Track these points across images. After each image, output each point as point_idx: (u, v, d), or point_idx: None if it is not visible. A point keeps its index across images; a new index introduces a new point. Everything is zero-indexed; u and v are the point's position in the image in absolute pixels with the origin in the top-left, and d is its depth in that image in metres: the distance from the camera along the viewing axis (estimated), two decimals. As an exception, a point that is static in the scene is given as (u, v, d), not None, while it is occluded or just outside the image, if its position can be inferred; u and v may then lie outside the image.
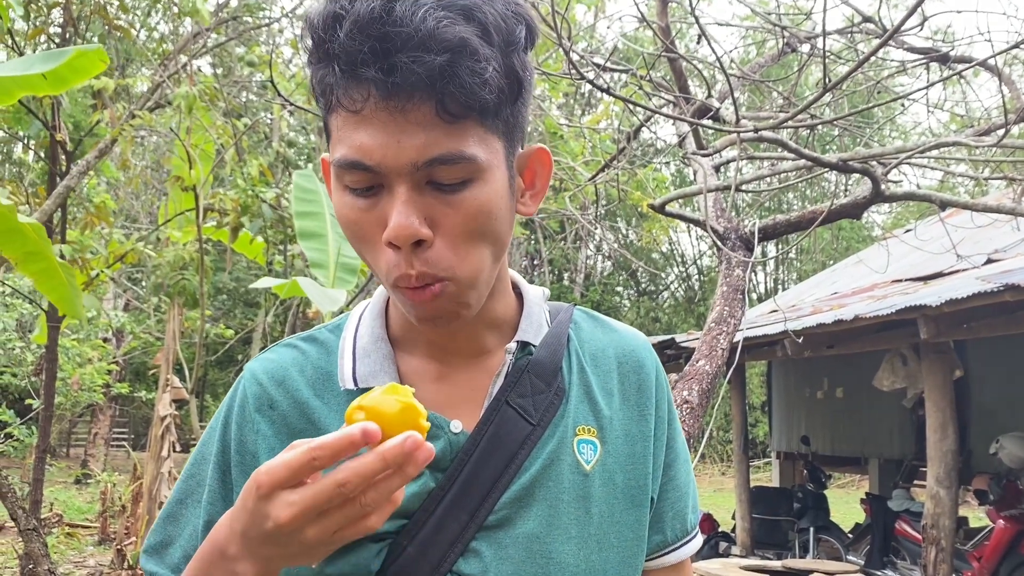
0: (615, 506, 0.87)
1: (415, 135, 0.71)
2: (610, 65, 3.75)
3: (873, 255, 10.25)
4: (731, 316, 3.18)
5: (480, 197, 0.75)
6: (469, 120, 0.73)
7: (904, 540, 7.06)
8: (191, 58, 6.84)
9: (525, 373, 0.87)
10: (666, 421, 0.94)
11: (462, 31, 0.70)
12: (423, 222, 0.74)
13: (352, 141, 0.73)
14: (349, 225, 0.78)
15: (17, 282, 10.20)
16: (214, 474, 0.88)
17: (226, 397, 0.92)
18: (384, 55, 0.69)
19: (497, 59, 0.72)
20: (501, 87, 0.73)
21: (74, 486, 14.08)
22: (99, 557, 8.12)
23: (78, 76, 3.62)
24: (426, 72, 0.69)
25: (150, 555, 0.89)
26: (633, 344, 0.96)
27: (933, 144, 3.08)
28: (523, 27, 0.75)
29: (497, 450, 0.84)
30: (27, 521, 5.53)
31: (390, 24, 0.69)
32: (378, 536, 0.81)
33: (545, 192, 0.87)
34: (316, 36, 0.73)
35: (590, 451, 0.87)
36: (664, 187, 8.00)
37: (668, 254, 25.93)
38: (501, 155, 0.77)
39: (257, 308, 15.94)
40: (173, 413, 7.32)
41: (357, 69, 0.70)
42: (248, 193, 6.07)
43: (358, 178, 0.75)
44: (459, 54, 0.69)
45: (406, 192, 0.73)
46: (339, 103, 0.73)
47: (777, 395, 10.72)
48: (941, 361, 6.03)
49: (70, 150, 6.54)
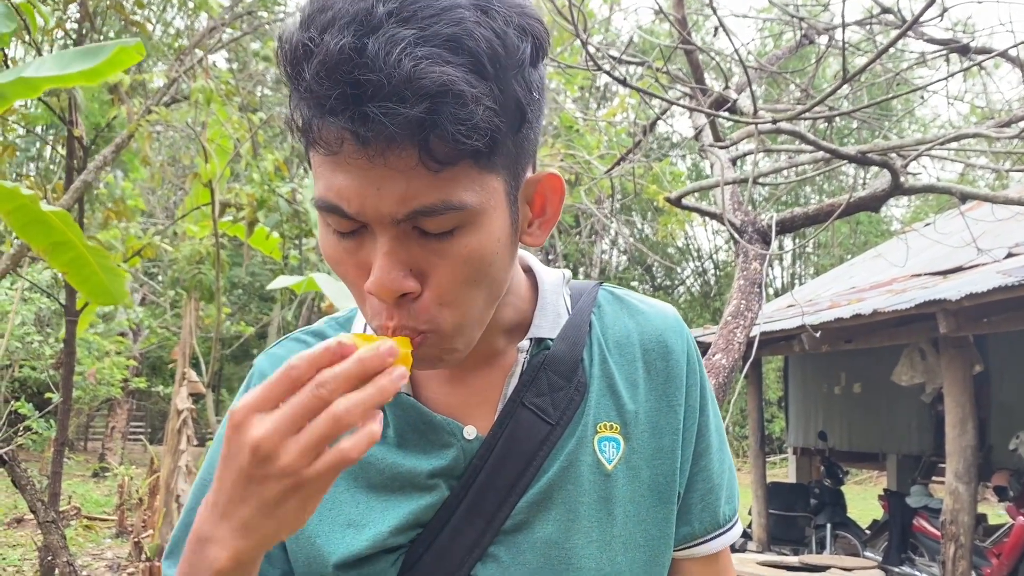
0: (641, 504, 0.83)
1: (396, 183, 0.64)
2: (626, 58, 3.72)
3: (892, 249, 10.16)
4: (748, 310, 3.15)
5: (472, 245, 0.68)
6: (460, 165, 0.65)
7: (922, 536, 7.01)
8: (207, 53, 6.85)
9: (542, 370, 0.83)
10: (697, 409, 0.88)
11: (444, 73, 0.61)
12: (408, 274, 0.68)
13: (330, 184, 0.66)
14: (332, 264, 0.73)
15: (36, 276, 10.29)
16: None
17: (238, 394, 0.90)
18: (355, 102, 0.61)
19: (492, 93, 0.63)
20: (496, 125, 0.64)
21: (92, 479, 14.20)
22: (117, 550, 8.18)
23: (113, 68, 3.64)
24: (399, 125, 0.61)
25: (169, 557, 0.88)
26: (661, 327, 0.89)
27: (953, 136, 3.04)
28: (528, 42, 0.67)
29: (513, 454, 0.80)
30: (46, 513, 5.57)
31: (360, 67, 0.60)
32: (394, 546, 0.79)
33: (556, 220, 0.79)
34: (286, 70, 0.65)
35: (612, 449, 0.83)
36: (680, 181, 7.96)
37: (684, 248, 25.85)
38: (501, 193, 0.70)
39: (272, 303, 15.99)
40: (190, 407, 7.36)
41: (326, 116, 0.63)
42: (264, 188, 6.09)
43: (339, 222, 0.68)
44: (440, 102, 0.61)
45: (388, 243, 0.67)
46: (314, 141, 0.66)
47: (794, 390, 10.66)
48: (961, 356, 5.97)
49: (87, 145, 6.57)
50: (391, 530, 0.79)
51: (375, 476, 0.81)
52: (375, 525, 0.79)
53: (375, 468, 0.81)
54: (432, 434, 0.81)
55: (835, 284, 11.04)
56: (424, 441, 0.81)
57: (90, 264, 4.54)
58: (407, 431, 0.81)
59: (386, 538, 0.78)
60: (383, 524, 0.79)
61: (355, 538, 0.79)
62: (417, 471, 0.80)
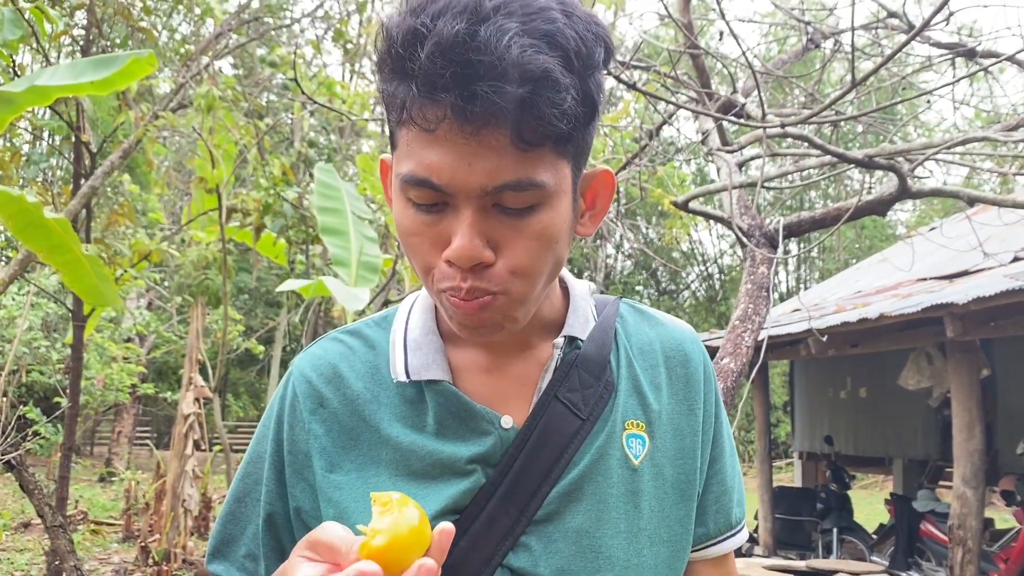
0: (664, 500, 0.87)
1: (487, 159, 0.71)
2: (633, 62, 3.73)
3: (898, 253, 10.15)
4: (755, 314, 3.16)
5: (544, 222, 0.75)
6: (544, 148, 0.72)
7: (929, 541, 6.98)
8: (213, 59, 6.88)
9: (574, 367, 0.87)
10: (713, 415, 0.93)
11: (545, 61, 0.68)
12: (486, 245, 0.74)
13: (422, 159, 0.72)
14: (408, 236, 0.78)
15: (43, 281, 10.31)
16: (270, 473, 0.89)
17: (276, 393, 0.93)
18: (465, 82, 0.67)
19: (576, 86, 0.71)
20: (577, 115, 0.72)
21: (98, 484, 14.22)
22: (123, 554, 8.19)
23: (125, 79, 3.65)
24: (506, 102, 0.67)
25: (215, 556, 0.91)
26: (680, 337, 0.95)
27: (960, 140, 3.04)
28: (602, 48, 0.74)
29: (547, 445, 0.84)
30: (53, 518, 5.59)
31: (473, 50, 0.67)
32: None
33: (605, 214, 0.87)
34: (394, 52, 0.71)
35: (639, 445, 0.87)
36: (685, 185, 7.96)
37: (689, 253, 25.82)
38: (568, 180, 0.77)
39: (278, 308, 16.02)
40: (196, 412, 7.37)
41: (436, 92, 0.69)
42: (270, 193, 6.11)
43: (423, 195, 0.74)
44: (541, 85, 0.68)
45: (472, 215, 0.73)
46: (411, 119, 0.72)
47: (800, 394, 10.64)
48: (968, 360, 5.96)
49: (94, 151, 6.60)
50: (433, 513, 0.82)
51: (416, 463, 0.84)
52: None
53: (416, 456, 0.84)
54: (471, 422, 0.84)
55: (841, 288, 11.03)
56: (464, 428, 0.85)
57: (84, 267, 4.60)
58: (447, 418, 0.85)
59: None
60: (425, 508, 0.81)
61: None
62: (456, 457, 0.83)
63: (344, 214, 5.34)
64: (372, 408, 0.87)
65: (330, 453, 0.87)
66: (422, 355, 0.87)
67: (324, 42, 10.90)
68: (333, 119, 11.03)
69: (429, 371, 0.86)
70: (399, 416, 0.86)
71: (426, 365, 0.86)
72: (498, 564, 0.82)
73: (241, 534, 0.90)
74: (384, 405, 0.87)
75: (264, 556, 0.89)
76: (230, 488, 0.93)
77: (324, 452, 0.87)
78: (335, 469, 0.86)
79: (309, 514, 0.87)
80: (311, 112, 9.84)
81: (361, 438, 0.87)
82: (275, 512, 0.88)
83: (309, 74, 8.49)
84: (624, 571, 0.83)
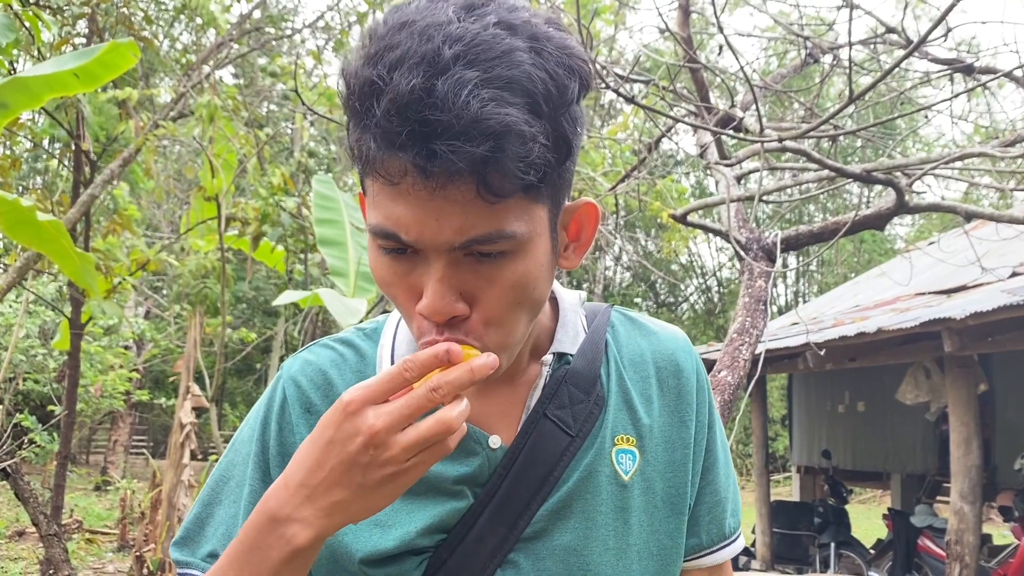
0: (655, 515, 0.87)
1: (453, 215, 0.69)
2: (632, 76, 3.74)
3: (896, 268, 10.16)
4: (753, 327, 3.16)
5: (519, 271, 0.73)
6: (513, 198, 0.70)
7: (927, 556, 6.96)
8: (214, 68, 6.90)
9: (563, 384, 0.86)
10: (706, 426, 0.92)
11: (507, 114, 0.65)
12: (458, 298, 0.73)
13: (388, 212, 0.71)
14: (383, 286, 0.77)
15: (41, 289, 10.30)
16: (255, 473, 0.87)
17: (263, 397, 0.92)
18: (424, 140, 0.65)
19: (546, 131, 0.68)
20: (548, 160, 0.69)
21: (94, 493, 14.17)
22: (118, 564, 8.16)
23: (109, 72, 3.65)
24: (466, 161, 0.65)
25: (180, 546, 0.89)
26: (672, 347, 0.94)
27: (958, 155, 3.05)
28: (575, 81, 0.71)
29: (535, 464, 0.83)
30: (48, 527, 5.56)
31: (430, 107, 0.64)
32: (418, 550, 0.82)
33: (590, 245, 0.84)
34: (352, 103, 0.69)
35: (629, 461, 0.86)
36: (684, 198, 7.97)
37: (688, 266, 25.85)
38: (545, 221, 0.75)
39: (276, 317, 16.01)
40: (193, 421, 7.35)
41: (394, 150, 0.67)
42: (269, 202, 6.11)
43: (393, 245, 0.73)
44: (504, 140, 0.65)
45: (443, 268, 0.71)
46: (375, 171, 0.70)
47: (798, 408, 10.63)
48: (965, 375, 5.96)
49: (94, 159, 6.61)
50: (418, 531, 0.81)
51: None
52: (402, 526, 0.82)
53: None
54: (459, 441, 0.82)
55: (839, 302, 11.05)
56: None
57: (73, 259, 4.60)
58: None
59: (413, 539, 0.81)
60: (410, 525, 0.82)
61: (382, 537, 0.82)
62: (444, 477, 0.83)
63: (342, 225, 5.34)
64: None
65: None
66: None
67: (325, 52, 10.94)
68: (334, 129, 11.06)
69: None
70: None
71: None
72: None
73: (212, 533, 0.88)
74: None
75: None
76: (202, 489, 0.91)
77: None
78: None
79: None
80: (311, 122, 9.87)
81: None
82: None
83: (310, 84, 8.51)
84: None
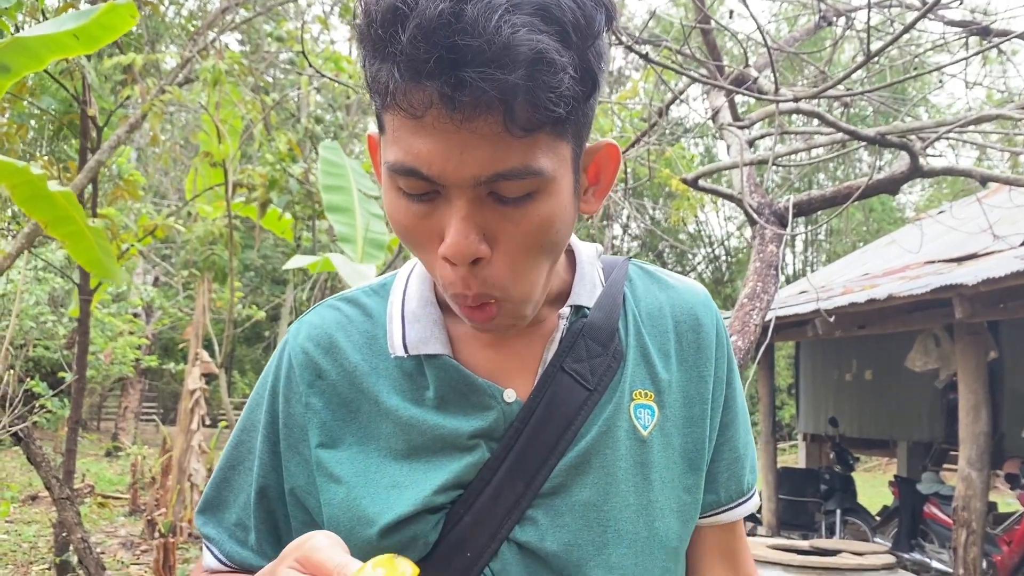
0: (673, 471, 0.85)
1: (480, 148, 0.65)
2: (644, 38, 3.70)
3: (906, 236, 10.10)
4: (764, 292, 3.14)
5: (543, 211, 0.71)
6: (540, 132, 0.67)
7: (933, 523, 7.00)
8: (220, 33, 6.85)
9: (580, 337, 0.84)
10: (724, 381, 0.90)
11: (539, 41, 0.62)
12: (481, 239, 0.70)
13: (409, 147, 0.67)
14: (401, 230, 0.74)
15: (50, 256, 10.33)
16: (264, 445, 0.87)
17: (271, 364, 0.90)
18: (452, 67, 0.62)
19: (574, 63, 0.65)
20: (575, 94, 0.66)
21: (105, 459, 14.32)
22: (130, 527, 8.25)
23: (108, 33, 3.65)
24: (497, 89, 0.62)
25: (206, 517, 0.90)
26: (691, 301, 0.91)
27: (974, 118, 3.01)
28: (602, 12, 0.68)
29: (553, 418, 0.81)
30: (61, 490, 5.62)
31: (459, 32, 0.61)
32: (436, 507, 0.80)
33: (610, 188, 0.82)
34: (374, 31, 0.65)
35: (647, 416, 0.84)
36: (693, 165, 7.92)
37: (696, 234, 25.77)
38: (568, 160, 0.72)
39: (284, 285, 16.04)
40: (203, 387, 7.40)
41: (421, 79, 0.63)
42: (276, 168, 6.09)
43: (413, 184, 0.70)
44: (535, 68, 0.62)
45: (465, 207, 0.69)
46: (396, 104, 0.66)
47: (805, 376, 10.64)
48: (975, 342, 5.95)
49: (100, 125, 6.59)
50: (434, 490, 0.80)
51: (417, 438, 0.82)
52: (418, 485, 0.80)
53: (417, 430, 0.82)
54: (473, 396, 0.82)
55: (848, 270, 11.00)
56: (465, 403, 0.82)
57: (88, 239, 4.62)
58: (448, 393, 0.82)
59: (429, 497, 0.79)
60: (426, 484, 0.80)
61: (399, 498, 0.80)
62: (458, 432, 0.81)
63: (350, 192, 5.32)
64: (371, 380, 0.84)
65: (330, 427, 0.84)
66: (420, 328, 0.84)
67: (331, 18, 10.84)
68: (339, 96, 10.99)
69: (428, 345, 0.83)
70: (398, 389, 0.83)
71: (425, 339, 0.83)
72: (504, 538, 0.80)
73: (233, 501, 0.89)
74: (383, 377, 0.84)
75: (255, 528, 0.87)
76: (223, 453, 0.91)
77: (324, 426, 0.84)
78: (336, 444, 0.83)
79: (304, 490, 0.85)
80: (317, 89, 9.81)
81: (360, 410, 0.84)
82: (268, 485, 0.86)
83: (316, 50, 8.45)
84: (633, 544, 0.81)
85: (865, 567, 4.11)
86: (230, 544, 0.88)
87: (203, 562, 0.90)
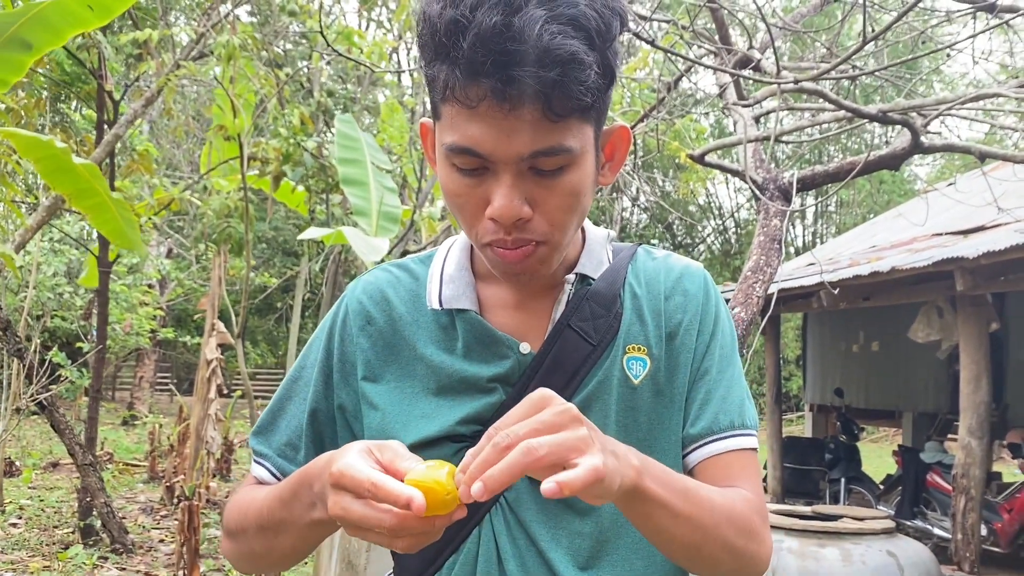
0: (663, 413, 0.99)
1: (523, 132, 0.82)
2: (653, 16, 3.76)
3: (913, 209, 10.12)
4: (767, 265, 3.24)
5: (574, 180, 0.87)
6: (571, 118, 0.83)
7: (935, 492, 7.09)
8: (233, 7, 6.90)
9: (585, 300, 1.00)
10: (709, 332, 1.02)
11: (572, 45, 0.79)
12: (524, 203, 0.86)
13: (465, 131, 0.84)
14: (453, 197, 0.90)
15: (67, 227, 10.46)
16: (318, 376, 1.05)
17: (331, 312, 1.08)
18: (504, 67, 0.78)
19: (598, 61, 0.82)
20: (599, 86, 0.83)
21: (121, 427, 14.56)
22: (149, 493, 8.45)
23: (120, 3, 3.75)
24: (539, 85, 0.79)
25: (260, 438, 1.06)
26: (681, 272, 1.06)
27: (973, 96, 3.08)
28: (617, 19, 0.85)
29: (560, 367, 0.97)
30: (84, 457, 5.79)
31: (510, 40, 0.78)
32: (457, 436, 0.96)
33: (622, 164, 1.00)
34: (438, 39, 0.82)
35: (639, 367, 0.99)
36: (703, 138, 7.97)
37: (705, 207, 25.73)
38: (591, 140, 0.89)
39: (296, 257, 16.16)
40: (219, 357, 7.53)
41: (478, 77, 0.80)
42: (290, 142, 6.18)
43: (467, 161, 0.86)
44: (569, 67, 0.79)
45: (511, 178, 0.85)
46: (454, 97, 0.83)
47: (812, 347, 10.71)
48: (977, 313, 6.02)
49: (117, 100, 6.68)
50: (457, 421, 0.96)
51: (445, 380, 0.99)
52: (443, 417, 0.97)
53: (445, 373, 0.99)
54: (494, 347, 0.98)
55: (856, 243, 11.04)
56: (487, 352, 0.98)
57: (111, 210, 4.74)
58: (473, 344, 0.99)
59: (452, 427, 0.96)
60: (450, 416, 0.97)
61: (427, 425, 0.97)
62: (480, 376, 0.98)
63: (364, 165, 5.42)
64: (412, 330, 1.02)
65: (374, 365, 1.02)
66: (455, 287, 1.01)
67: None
68: (351, 68, 11.03)
69: (459, 301, 1.00)
70: (433, 339, 1.00)
71: (457, 296, 1.00)
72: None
73: (285, 426, 1.05)
74: (422, 328, 1.01)
75: (304, 447, 1.04)
76: (279, 388, 1.09)
77: (368, 364, 1.02)
78: (377, 379, 1.01)
79: (351, 413, 1.03)
80: (328, 62, 9.85)
81: (401, 354, 1.01)
82: (319, 408, 1.04)
83: (326, 23, 8.48)
84: None
85: (865, 531, 4.24)
86: (279, 460, 1.04)
87: (252, 474, 1.07)
